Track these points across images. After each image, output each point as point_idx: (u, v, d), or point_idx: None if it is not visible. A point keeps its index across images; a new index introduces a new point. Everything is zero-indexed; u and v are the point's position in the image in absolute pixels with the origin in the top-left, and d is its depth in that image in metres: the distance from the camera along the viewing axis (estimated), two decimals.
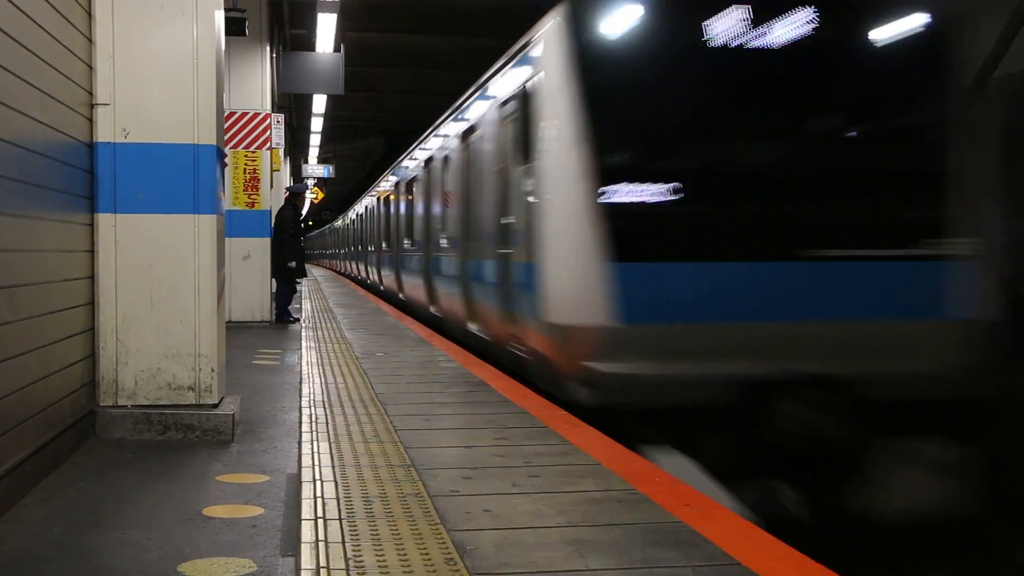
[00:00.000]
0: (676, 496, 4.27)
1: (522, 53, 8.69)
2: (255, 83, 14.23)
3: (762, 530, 3.82)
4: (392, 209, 20.54)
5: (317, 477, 4.59)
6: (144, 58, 5.89)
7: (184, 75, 5.94)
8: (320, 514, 3.97)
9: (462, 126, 11.88)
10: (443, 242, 12.83)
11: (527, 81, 8.10)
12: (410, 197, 17.39)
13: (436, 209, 13.95)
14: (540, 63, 7.61)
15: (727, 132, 7.25)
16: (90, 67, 5.80)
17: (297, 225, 14.77)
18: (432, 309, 14.04)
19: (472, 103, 11.55)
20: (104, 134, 5.85)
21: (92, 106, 5.83)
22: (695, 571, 3.31)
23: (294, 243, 14.47)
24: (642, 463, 4.94)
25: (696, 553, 3.49)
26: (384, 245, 21.87)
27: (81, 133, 5.69)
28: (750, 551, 3.52)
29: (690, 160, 7.29)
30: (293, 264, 14.40)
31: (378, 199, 24.39)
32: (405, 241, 17.57)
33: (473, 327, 10.49)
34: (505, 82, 9.35)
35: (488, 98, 10.36)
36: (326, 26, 15.88)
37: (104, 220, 5.87)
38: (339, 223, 49.15)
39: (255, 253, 13.92)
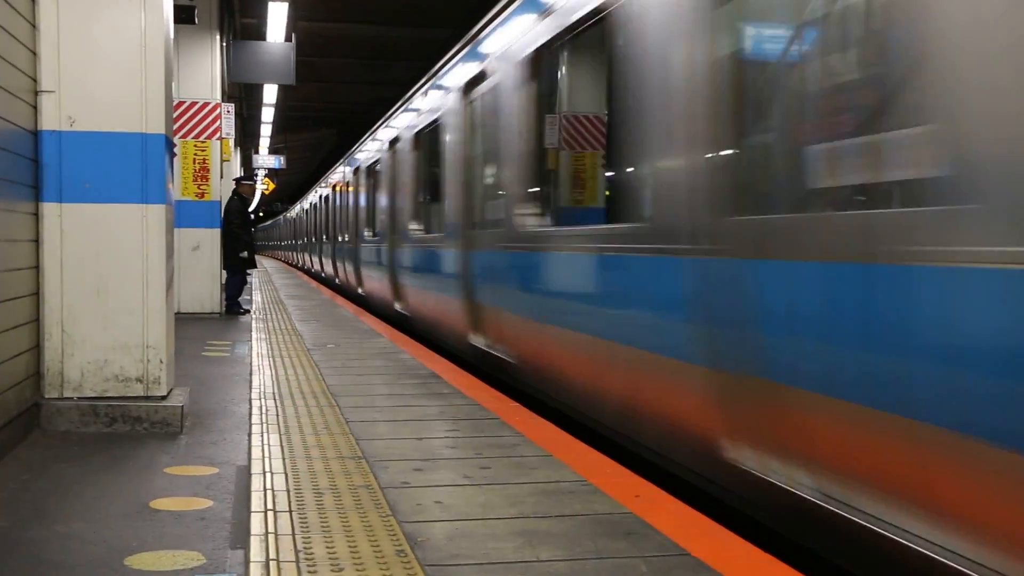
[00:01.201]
0: (627, 487, 4.29)
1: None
2: (205, 72, 14.07)
3: (712, 520, 3.85)
4: (349, 199, 20.19)
5: (267, 469, 4.56)
6: (90, 45, 5.79)
7: (131, 63, 5.86)
8: (270, 506, 3.94)
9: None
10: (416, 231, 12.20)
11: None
12: (370, 186, 17.07)
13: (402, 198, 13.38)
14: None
15: None
16: (34, 53, 5.70)
17: (244, 215, 14.59)
18: (397, 306, 13.70)
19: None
20: (49, 122, 5.75)
21: (36, 93, 5.72)
22: (645, 562, 3.33)
23: (241, 233, 14.31)
24: (593, 454, 4.95)
25: (646, 544, 3.51)
26: (341, 236, 21.47)
27: (25, 121, 5.59)
28: (700, 541, 3.54)
29: None
30: (245, 254, 14.25)
31: (333, 189, 24.15)
32: (365, 231, 17.12)
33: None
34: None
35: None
36: (277, 15, 15.75)
37: (49, 209, 5.78)
38: (290, 214, 48.86)
39: (205, 244, 13.77)
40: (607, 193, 6.68)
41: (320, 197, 28.48)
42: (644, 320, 5.25)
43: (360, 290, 18.02)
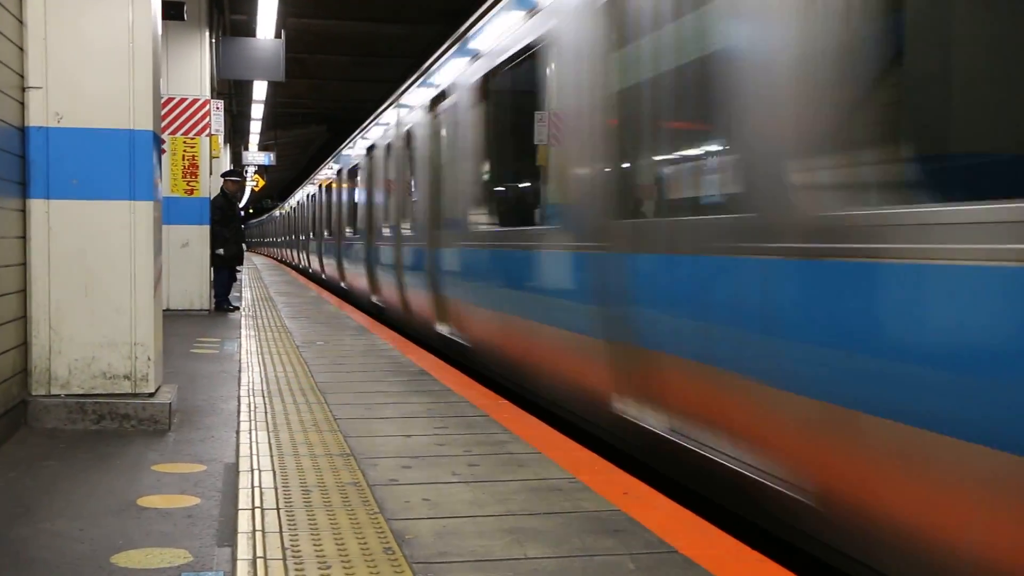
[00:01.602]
0: (615, 484, 4.29)
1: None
2: (194, 69, 14.03)
3: (700, 517, 3.86)
4: (333, 199, 20.42)
5: (255, 466, 4.55)
6: (78, 41, 5.77)
7: (120, 59, 5.83)
8: (258, 504, 3.93)
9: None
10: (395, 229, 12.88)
11: None
12: (351, 188, 17.31)
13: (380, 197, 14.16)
14: None
15: None
16: (21, 49, 5.67)
17: (225, 211, 14.50)
18: (373, 298, 14.34)
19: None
20: (36, 118, 5.73)
21: (24, 89, 5.70)
22: (633, 559, 3.33)
23: (223, 230, 14.24)
24: (582, 452, 4.95)
25: (634, 541, 3.51)
26: (326, 233, 21.75)
27: (12, 117, 5.56)
28: (688, 538, 3.55)
29: None
30: (222, 251, 14.17)
31: (319, 188, 24.31)
32: (347, 230, 17.60)
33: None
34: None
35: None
36: (267, 12, 15.71)
37: (36, 206, 5.75)
38: (280, 211, 48.80)
39: (194, 241, 13.73)
40: (535, 199, 7.46)
41: (307, 195, 28.61)
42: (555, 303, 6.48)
43: (343, 284, 18.91)
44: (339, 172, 19.49)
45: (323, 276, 23.02)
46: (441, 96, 10.18)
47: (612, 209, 5.52)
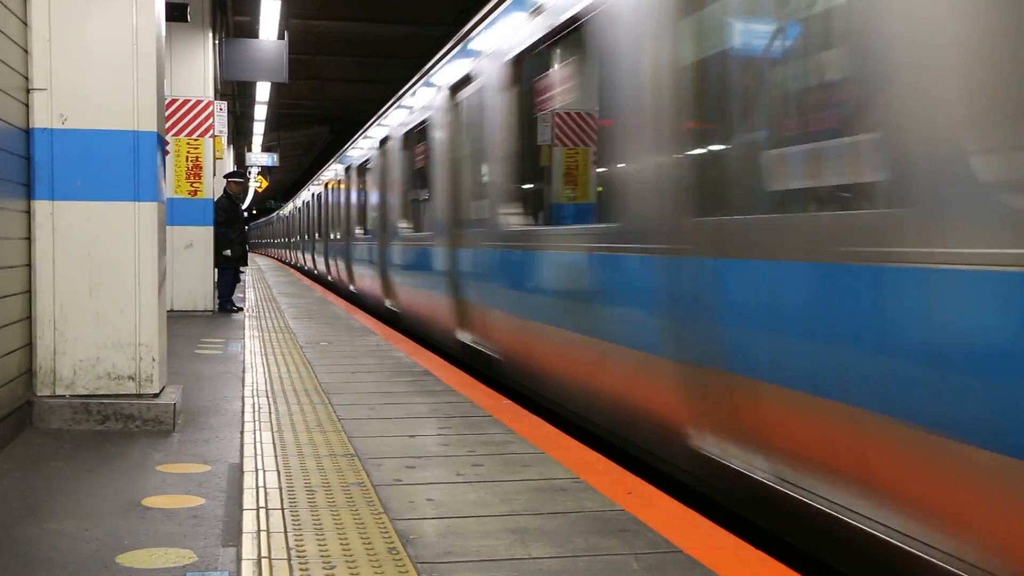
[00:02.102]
0: (619, 484, 4.29)
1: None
2: (197, 70, 14.05)
3: (704, 518, 3.86)
4: (341, 198, 20.09)
5: (259, 467, 4.55)
6: (82, 42, 5.78)
7: (123, 60, 5.85)
8: (262, 504, 3.94)
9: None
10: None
11: None
12: (360, 185, 17.00)
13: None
14: None
15: None
16: (26, 51, 5.69)
17: (231, 213, 14.53)
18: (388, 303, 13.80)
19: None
20: (41, 120, 5.74)
21: (28, 91, 5.71)
22: (637, 559, 3.33)
23: (227, 231, 14.25)
24: (586, 452, 4.96)
25: (638, 541, 3.51)
26: (333, 234, 21.41)
27: (17, 118, 5.58)
28: (692, 538, 3.55)
29: None
30: (229, 252, 14.20)
31: (325, 187, 24.12)
32: (357, 229, 17.09)
33: None
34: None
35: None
36: (270, 13, 15.75)
37: (41, 207, 5.77)
38: (283, 212, 48.84)
39: (198, 242, 13.75)
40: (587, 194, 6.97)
41: (312, 195, 28.48)
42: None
43: (352, 287, 18.04)
44: (346, 170, 19.04)
45: (329, 279, 22.87)
46: (466, 80, 9.10)
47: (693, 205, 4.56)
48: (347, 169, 18.96)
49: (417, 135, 12.00)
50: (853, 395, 3.41)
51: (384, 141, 14.30)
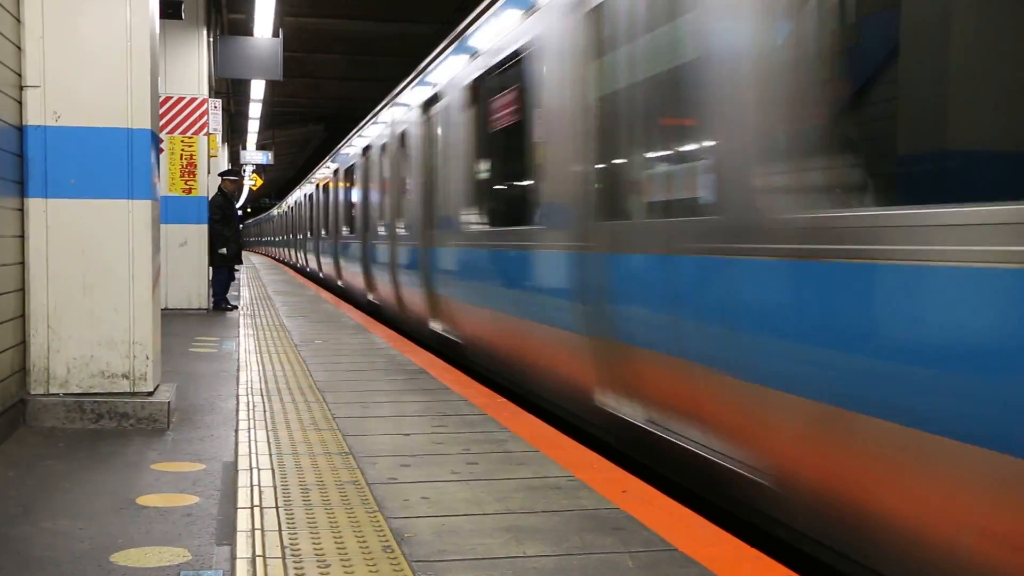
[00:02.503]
0: (614, 483, 4.29)
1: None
2: (191, 68, 14.01)
3: (699, 516, 3.86)
4: (330, 199, 20.30)
5: (254, 465, 4.55)
6: (75, 40, 5.77)
7: (117, 58, 5.83)
8: (256, 502, 3.93)
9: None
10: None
11: None
12: (347, 187, 17.28)
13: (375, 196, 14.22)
14: None
15: None
16: (19, 48, 5.67)
17: (226, 211, 14.52)
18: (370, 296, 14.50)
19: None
20: (34, 117, 5.73)
21: (21, 88, 5.70)
22: (632, 557, 3.33)
23: (222, 229, 14.25)
24: (581, 450, 4.96)
25: (633, 539, 3.51)
26: (323, 233, 21.63)
27: (10, 116, 5.56)
28: (687, 537, 3.55)
29: None
30: (224, 251, 14.20)
31: (316, 188, 24.26)
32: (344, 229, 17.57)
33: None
34: None
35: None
36: (264, 11, 15.70)
37: (35, 205, 5.75)
38: (278, 210, 48.84)
39: (192, 240, 13.73)
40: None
41: (304, 195, 28.60)
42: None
43: (339, 282, 19.37)
44: (334, 172, 19.19)
45: (320, 275, 22.91)
46: (435, 98, 9.86)
47: None
48: (335, 172, 20.01)
49: (390, 147, 13.32)
50: (691, 352, 4.48)
51: (366, 150, 15.64)
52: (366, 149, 15.42)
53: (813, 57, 3.82)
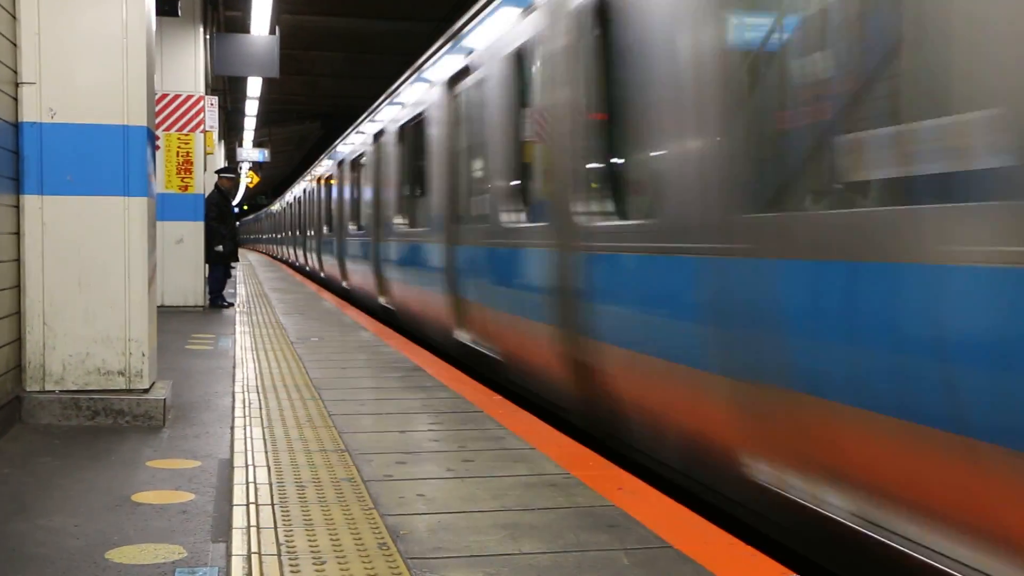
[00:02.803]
0: (610, 480, 4.29)
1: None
2: (188, 65, 14.00)
3: (694, 513, 3.86)
4: (333, 193, 20.24)
5: (249, 462, 4.54)
6: (71, 36, 5.76)
7: (113, 55, 5.82)
8: (252, 499, 3.93)
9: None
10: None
11: None
12: (354, 180, 17.01)
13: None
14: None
15: None
16: (14, 45, 5.66)
17: (223, 208, 14.53)
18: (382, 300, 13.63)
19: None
20: (30, 114, 5.72)
21: (17, 85, 5.69)
22: (627, 554, 3.33)
23: (219, 227, 14.26)
24: (577, 448, 4.96)
25: (629, 536, 3.51)
26: (325, 230, 21.61)
27: (6, 112, 5.55)
28: (682, 534, 3.55)
29: None
30: (220, 248, 14.21)
31: (316, 183, 24.15)
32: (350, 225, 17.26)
33: None
34: None
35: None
36: (261, 8, 15.70)
37: (30, 202, 5.74)
38: (274, 208, 48.84)
39: (188, 237, 13.72)
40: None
41: (304, 191, 28.53)
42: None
43: (322, 274, 21.12)
44: (339, 164, 18.99)
45: (321, 275, 22.86)
46: (464, 72, 8.82)
47: None
48: (317, 180, 21.73)
49: (362, 160, 14.87)
50: (621, 338, 5.21)
51: (340, 163, 17.45)
52: (340, 163, 15.84)
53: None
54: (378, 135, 13.73)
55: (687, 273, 4.58)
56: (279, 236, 42.70)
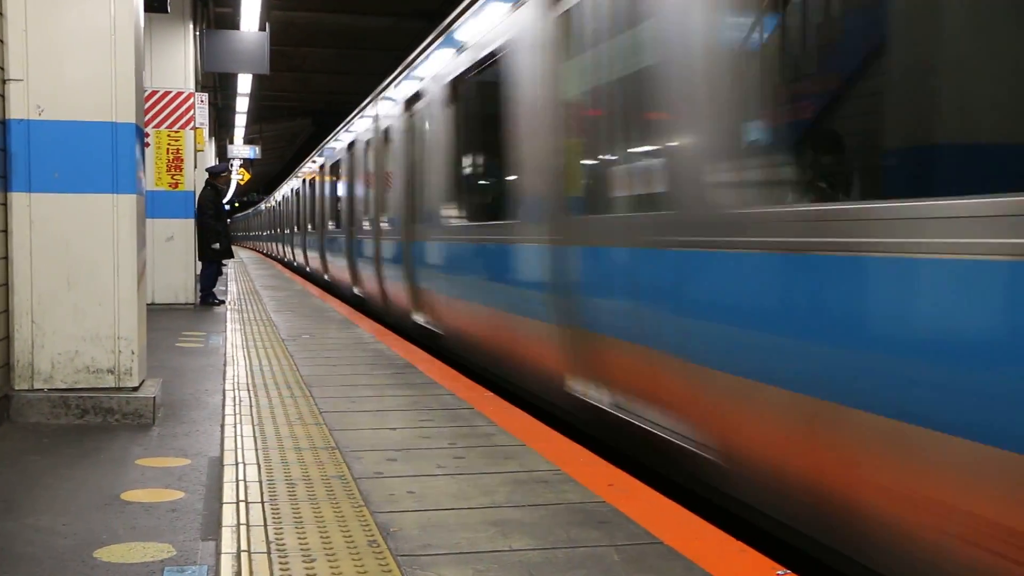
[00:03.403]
0: (600, 476, 4.29)
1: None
2: (178, 61, 13.95)
3: (685, 509, 3.86)
4: (316, 193, 20.78)
5: (240, 460, 4.53)
6: (59, 33, 5.73)
7: (101, 51, 5.79)
8: (242, 497, 3.92)
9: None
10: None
11: None
12: (333, 182, 17.52)
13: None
14: None
15: None
16: (1, 41, 5.63)
17: (218, 206, 14.55)
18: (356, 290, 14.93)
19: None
20: (17, 111, 5.69)
21: (4, 82, 5.66)
22: (618, 550, 3.33)
23: (216, 224, 14.28)
24: (567, 444, 4.95)
25: (619, 532, 3.51)
26: (310, 227, 22.01)
27: None
28: (672, 529, 3.55)
29: None
30: (217, 245, 14.24)
31: (303, 183, 24.41)
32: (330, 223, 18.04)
33: None
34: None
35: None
36: (251, 4, 15.63)
37: (18, 199, 5.72)
38: (265, 205, 48.85)
39: (179, 234, 13.69)
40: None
41: (291, 190, 28.71)
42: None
43: (308, 268, 22.76)
44: (320, 168, 19.67)
45: (307, 269, 22.97)
46: (417, 96, 10.12)
47: None
48: (321, 167, 21.49)
49: (339, 166, 16.80)
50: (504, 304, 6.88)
51: (322, 167, 19.38)
52: (351, 145, 15.58)
53: None
54: (351, 145, 15.50)
55: (504, 255, 7.02)
56: (268, 233, 43.37)
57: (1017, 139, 3.19)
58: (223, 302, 14.22)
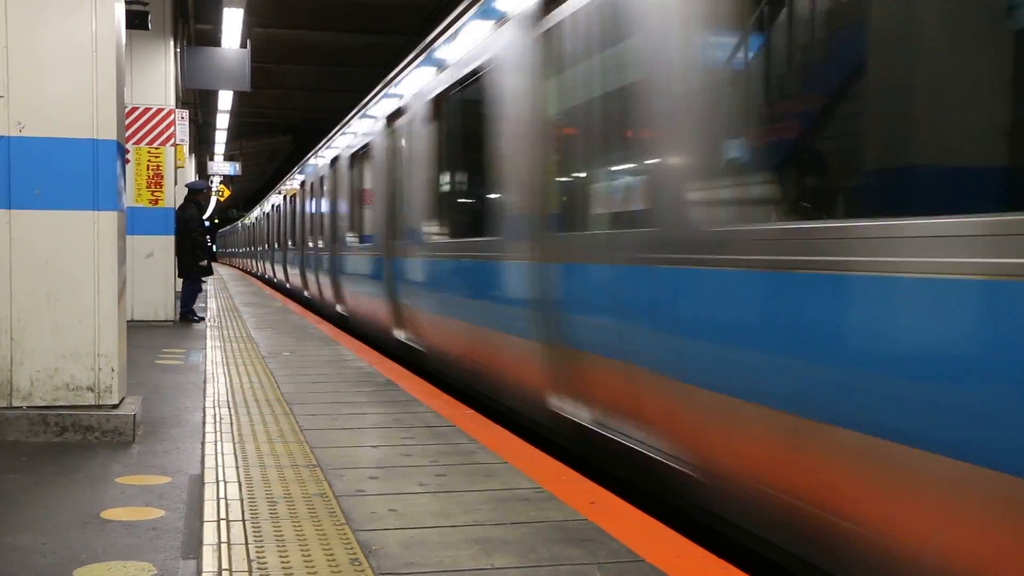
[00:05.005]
0: (582, 494, 4.29)
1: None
2: (158, 78, 13.95)
3: (667, 527, 3.86)
4: (296, 210, 20.85)
5: (220, 478, 4.51)
6: (40, 50, 5.72)
7: (83, 68, 5.78)
8: (223, 516, 3.91)
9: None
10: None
11: None
12: (317, 195, 17.43)
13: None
14: None
15: None
16: None
17: (203, 222, 14.58)
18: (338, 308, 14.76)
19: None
20: None
21: None
22: (600, 568, 3.33)
23: (203, 241, 14.29)
24: (550, 462, 4.95)
25: (601, 550, 3.51)
26: (290, 244, 21.98)
27: None
28: (654, 548, 3.55)
29: None
30: (204, 263, 14.23)
31: (283, 200, 24.41)
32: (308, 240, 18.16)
33: None
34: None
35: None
36: (232, 21, 15.64)
37: None
38: (245, 222, 48.79)
39: (159, 251, 13.65)
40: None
41: (273, 206, 28.64)
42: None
43: (288, 284, 22.90)
44: (300, 185, 19.69)
45: (287, 286, 22.86)
46: (399, 112, 10.10)
47: None
48: (283, 198, 23.54)
49: (322, 184, 16.75)
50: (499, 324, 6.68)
51: (303, 184, 19.65)
52: (334, 161, 15.67)
53: None
54: (333, 161, 15.52)
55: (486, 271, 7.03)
56: (247, 250, 43.51)
57: (991, 160, 3.24)
58: (203, 319, 14.17)
